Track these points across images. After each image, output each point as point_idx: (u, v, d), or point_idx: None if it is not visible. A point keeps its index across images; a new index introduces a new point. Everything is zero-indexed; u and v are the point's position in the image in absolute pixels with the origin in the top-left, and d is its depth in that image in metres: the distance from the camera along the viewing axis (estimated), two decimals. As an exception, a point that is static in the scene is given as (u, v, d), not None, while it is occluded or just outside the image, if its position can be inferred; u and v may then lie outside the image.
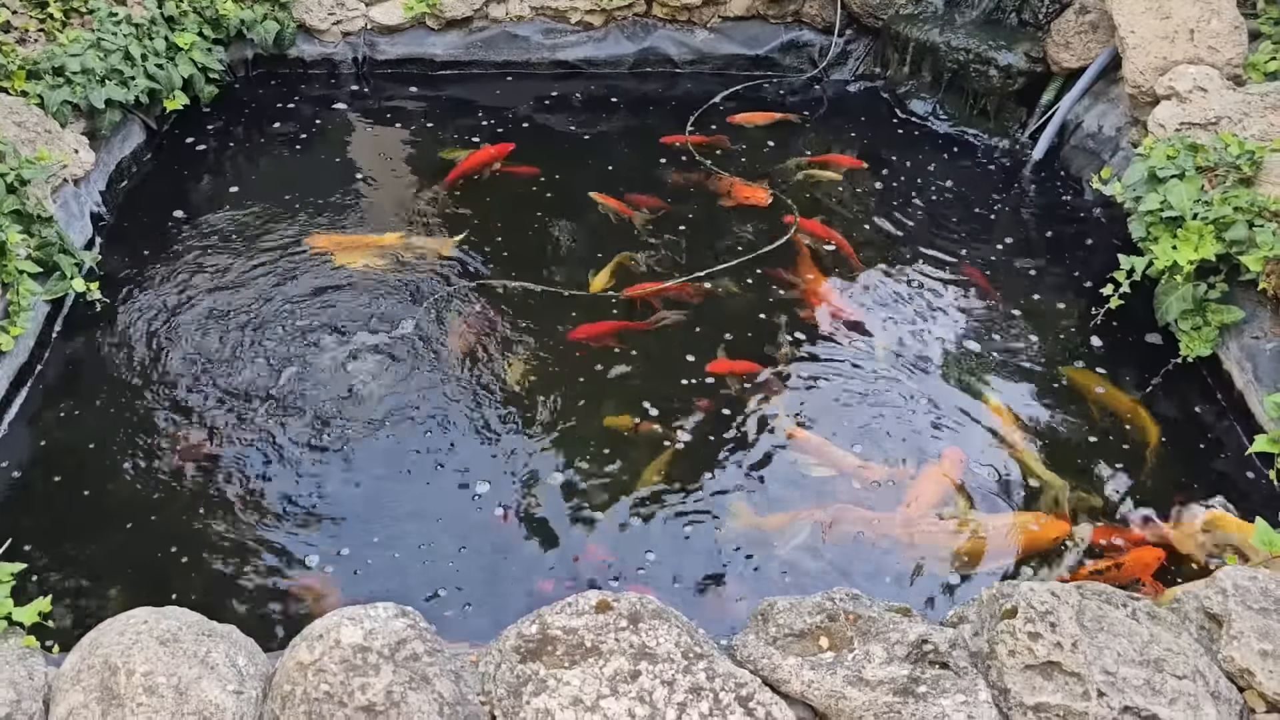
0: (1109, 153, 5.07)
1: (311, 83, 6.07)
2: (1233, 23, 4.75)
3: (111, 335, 4.12)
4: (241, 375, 3.94)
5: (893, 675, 2.22)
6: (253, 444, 3.67)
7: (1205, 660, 2.32)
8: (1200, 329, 3.90)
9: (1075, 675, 2.21)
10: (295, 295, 4.35)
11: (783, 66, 6.31)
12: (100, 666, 2.18)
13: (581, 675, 2.19)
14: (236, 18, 5.64)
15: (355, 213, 4.95)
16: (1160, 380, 4.00)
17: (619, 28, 6.26)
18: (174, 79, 5.25)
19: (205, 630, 2.31)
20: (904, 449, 3.73)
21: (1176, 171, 4.08)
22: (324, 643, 2.19)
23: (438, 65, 6.18)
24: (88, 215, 4.58)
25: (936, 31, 5.76)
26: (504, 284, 4.43)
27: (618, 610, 2.33)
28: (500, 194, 5.10)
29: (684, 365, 4.04)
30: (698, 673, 2.21)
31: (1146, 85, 4.74)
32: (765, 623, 2.41)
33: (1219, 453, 3.73)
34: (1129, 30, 4.85)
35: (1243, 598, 2.41)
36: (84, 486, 3.49)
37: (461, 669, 2.28)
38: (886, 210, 5.07)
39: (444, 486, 3.55)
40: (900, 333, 4.26)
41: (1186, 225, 3.90)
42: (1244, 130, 4.27)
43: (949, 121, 5.77)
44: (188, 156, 5.34)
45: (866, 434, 3.79)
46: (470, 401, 3.86)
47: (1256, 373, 3.71)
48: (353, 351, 4.07)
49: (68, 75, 4.67)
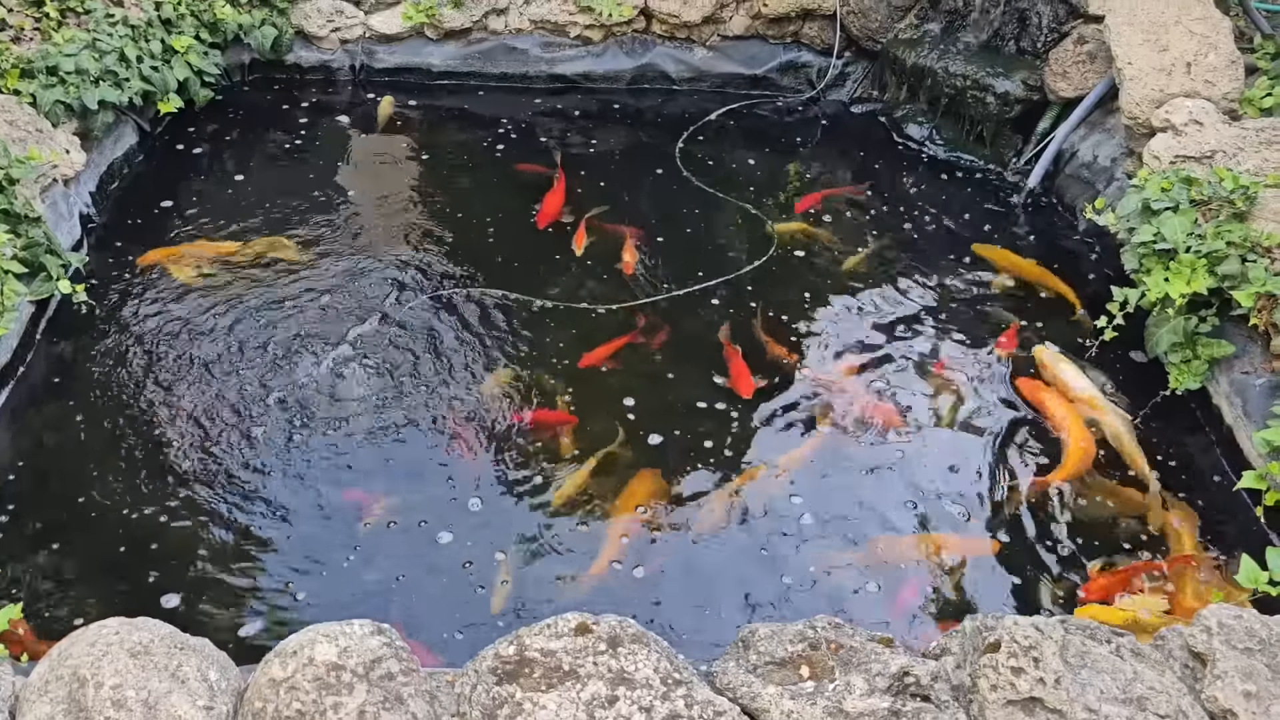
0: (1104, 183, 5.07)
1: (308, 89, 6.05)
2: (1229, 57, 4.77)
3: (97, 338, 4.09)
4: (227, 382, 3.91)
5: (874, 707, 2.19)
6: (237, 452, 3.63)
7: (1188, 700, 2.29)
8: (1190, 362, 3.89)
9: (1058, 712, 2.19)
10: (284, 300, 4.33)
11: (780, 87, 6.32)
12: (69, 678, 2.14)
13: (558, 699, 2.16)
14: (234, 22, 5.63)
15: (345, 221, 4.92)
16: (1148, 412, 3.98)
17: (618, 43, 6.27)
18: (169, 82, 5.23)
19: (177, 643, 2.27)
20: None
21: (1171, 204, 4.08)
22: (297, 659, 2.15)
23: (435, 75, 6.17)
24: (77, 216, 4.55)
25: (935, 57, 5.77)
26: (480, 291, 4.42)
27: (597, 633, 2.29)
28: (488, 203, 5.10)
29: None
30: (676, 700, 2.18)
31: (1143, 117, 4.75)
32: (746, 649, 2.38)
33: (1206, 487, 3.72)
34: (1126, 61, 4.87)
35: (1227, 636, 2.39)
36: (65, 491, 3.45)
37: (437, 689, 2.25)
38: (879, 233, 5.07)
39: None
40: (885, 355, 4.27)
41: (1179, 258, 3.90)
42: (1239, 165, 4.28)
43: (945, 146, 5.77)
44: (181, 160, 5.32)
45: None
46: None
47: (1246, 408, 3.70)
48: (340, 356, 4.05)
49: (61, 75, 4.65)
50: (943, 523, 3.55)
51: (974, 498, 3.64)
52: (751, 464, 3.72)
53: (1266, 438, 3.43)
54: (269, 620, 3.09)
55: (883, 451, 3.81)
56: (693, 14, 6.08)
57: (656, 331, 4.28)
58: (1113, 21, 5.00)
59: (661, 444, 3.77)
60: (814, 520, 3.52)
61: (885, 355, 4.27)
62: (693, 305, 4.49)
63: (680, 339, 4.29)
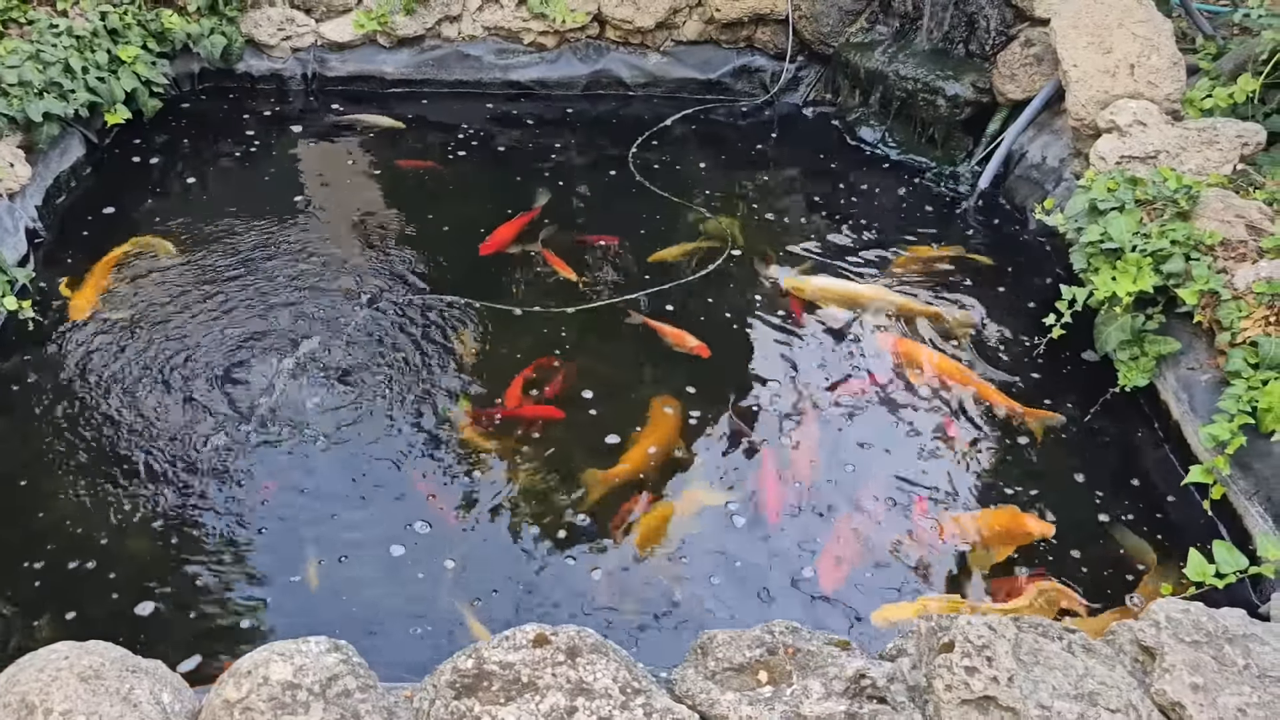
0: (1052, 183, 5.15)
1: (259, 99, 6.00)
2: (1171, 59, 4.86)
3: (45, 355, 4.02)
4: (178, 396, 3.86)
5: (830, 711, 2.21)
6: (192, 469, 3.59)
7: (1138, 694, 2.33)
8: (1138, 359, 3.96)
9: (1011, 710, 2.22)
10: (235, 312, 4.29)
11: (734, 91, 6.35)
12: (17, 705, 2.10)
13: (517, 712, 2.15)
14: (183, 31, 5.57)
15: (300, 230, 4.88)
16: (1098, 409, 4.05)
17: (571, 50, 6.27)
18: (116, 92, 5.16)
19: (129, 666, 2.23)
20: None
21: (1117, 204, 4.16)
22: (251, 679, 2.13)
23: (389, 83, 6.14)
24: (22, 231, 4.48)
25: (886, 60, 5.83)
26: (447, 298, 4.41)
27: (555, 644, 2.29)
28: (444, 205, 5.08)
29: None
30: (635, 709, 2.18)
31: (1088, 118, 4.83)
32: (704, 656, 2.39)
33: (1154, 482, 3.79)
34: (1072, 64, 4.95)
35: (1175, 630, 2.44)
36: (11, 512, 3.39)
37: (395, 705, 2.24)
38: (832, 233, 5.11)
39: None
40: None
41: (1126, 257, 3.97)
42: (1181, 165, 4.36)
43: (897, 149, 5.83)
44: (130, 172, 5.25)
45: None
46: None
47: (1192, 404, 3.78)
48: (294, 366, 4.02)
49: (4, 87, 4.58)
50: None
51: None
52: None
53: (1212, 432, 3.50)
54: (228, 640, 3.07)
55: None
56: (646, 20, 6.10)
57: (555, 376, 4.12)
58: (1058, 25, 5.08)
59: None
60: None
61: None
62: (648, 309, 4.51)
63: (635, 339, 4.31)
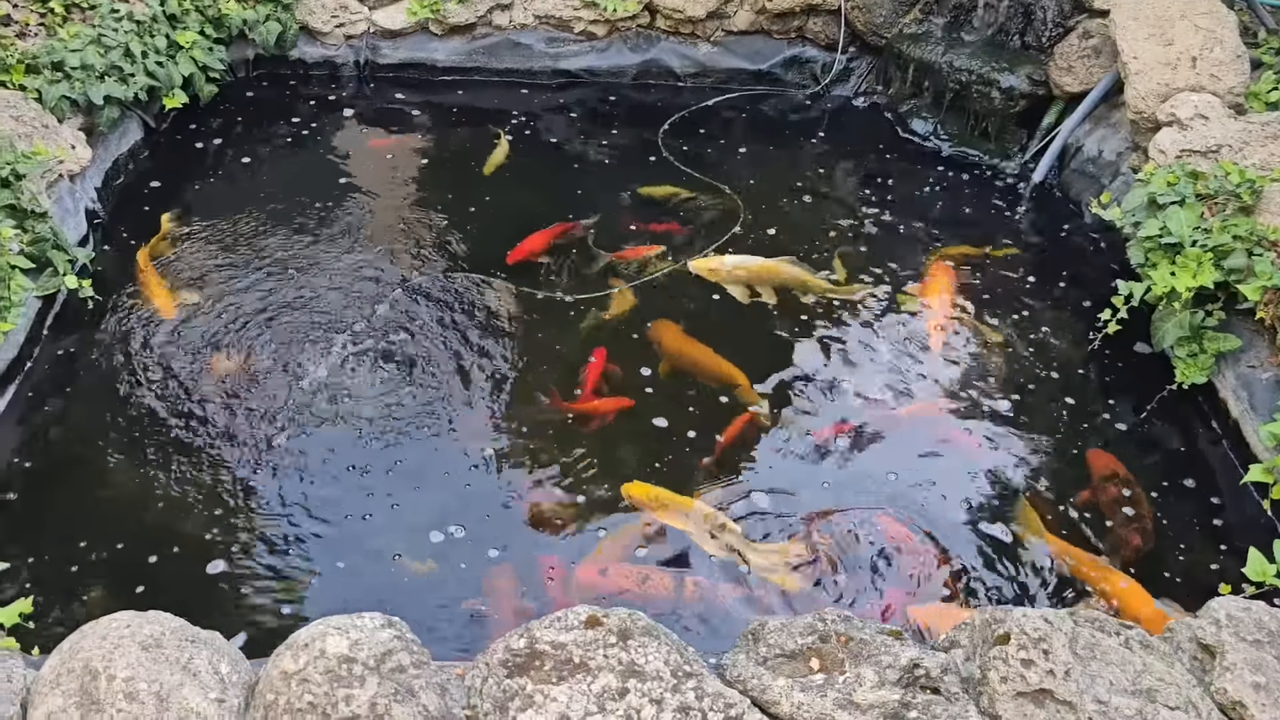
0: (1109, 177, 5.07)
1: (312, 85, 6.05)
2: (1235, 51, 4.76)
3: (104, 333, 4.09)
4: (237, 377, 3.92)
5: (884, 699, 2.20)
6: (247, 446, 3.63)
7: (1198, 692, 2.29)
8: (1196, 356, 3.89)
9: (1067, 704, 2.19)
10: (294, 293, 4.34)
11: (785, 82, 6.31)
12: (80, 671, 2.14)
13: (569, 692, 2.16)
14: (239, 17, 5.62)
15: (347, 218, 4.91)
16: (1155, 406, 3.98)
17: (622, 38, 6.26)
18: (174, 77, 5.23)
19: (188, 636, 2.27)
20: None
21: (1176, 198, 4.08)
22: (309, 652, 2.16)
23: (440, 71, 6.17)
24: (83, 212, 4.55)
25: (939, 52, 5.77)
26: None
27: (607, 626, 2.30)
28: (503, 202, 5.10)
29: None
30: (686, 692, 2.18)
31: (1148, 111, 4.75)
32: (756, 642, 2.38)
33: (1213, 480, 3.72)
34: (1131, 56, 4.86)
35: (1236, 629, 2.40)
36: (71, 486, 3.46)
37: (448, 682, 2.25)
38: (884, 227, 5.07)
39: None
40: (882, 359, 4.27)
41: (1185, 252, 3.90)
42: (1244, 159, 4.27)
43: (950, 142, 5.76)
44: (186, 155, 5.32)
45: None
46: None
47: (1252, 401, 3.70)
48: (350, 353, 4.05)
49: (67, 70, 4.65)
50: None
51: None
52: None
53: (1274, 431, 3.43)
54: (281, 616, 3.11)
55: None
56: (697, 9, 6.08)
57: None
58: (1118, 16, 5.00)
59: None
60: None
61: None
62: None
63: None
